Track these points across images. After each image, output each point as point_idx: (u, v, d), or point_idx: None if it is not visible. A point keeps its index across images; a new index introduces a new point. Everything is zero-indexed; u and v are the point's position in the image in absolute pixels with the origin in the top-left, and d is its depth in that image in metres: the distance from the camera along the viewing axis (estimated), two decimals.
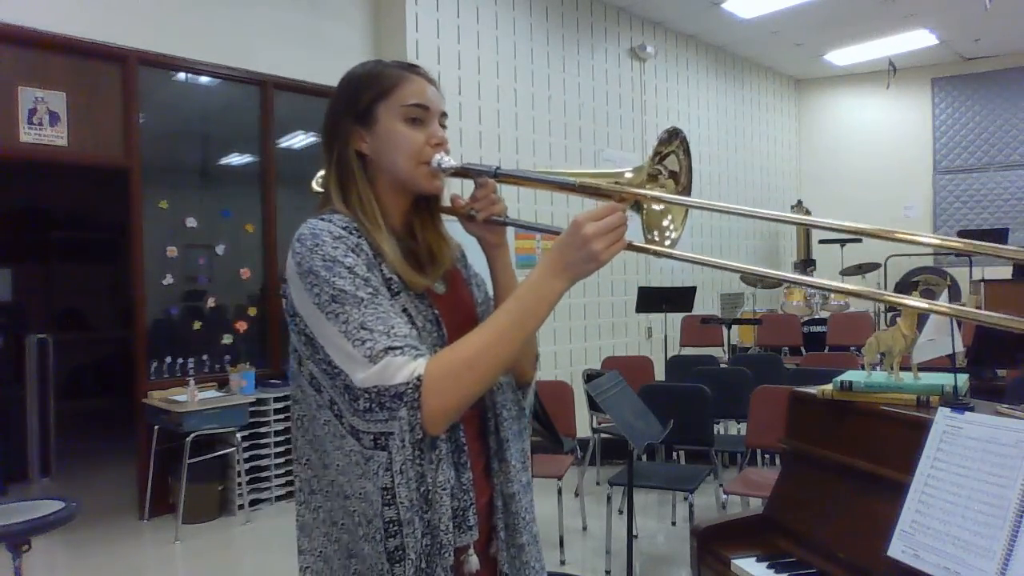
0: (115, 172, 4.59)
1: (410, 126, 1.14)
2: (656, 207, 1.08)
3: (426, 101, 1.15)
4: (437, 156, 1.15)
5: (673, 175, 1.09)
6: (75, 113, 4.32)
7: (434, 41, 5.60)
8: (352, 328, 1.01)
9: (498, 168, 1.17)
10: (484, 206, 1.20)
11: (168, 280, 4.72)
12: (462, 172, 1.18)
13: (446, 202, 1.25)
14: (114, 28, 4.41)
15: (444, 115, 1.19)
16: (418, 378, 0.98)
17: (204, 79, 4.96)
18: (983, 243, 0.91)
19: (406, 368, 0.98)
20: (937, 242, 0.95)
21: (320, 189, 1.25)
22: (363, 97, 1.15)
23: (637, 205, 1.06)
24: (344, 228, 1.09)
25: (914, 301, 1.01)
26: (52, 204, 7.95)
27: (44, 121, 4.20)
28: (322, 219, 1.10)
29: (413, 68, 1.18)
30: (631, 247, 1.04)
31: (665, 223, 1.09)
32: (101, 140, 4.45)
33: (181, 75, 4.85)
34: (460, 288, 1.26)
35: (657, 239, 1.08)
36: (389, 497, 1.01)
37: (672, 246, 1.09)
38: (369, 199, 1.14)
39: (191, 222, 4.83)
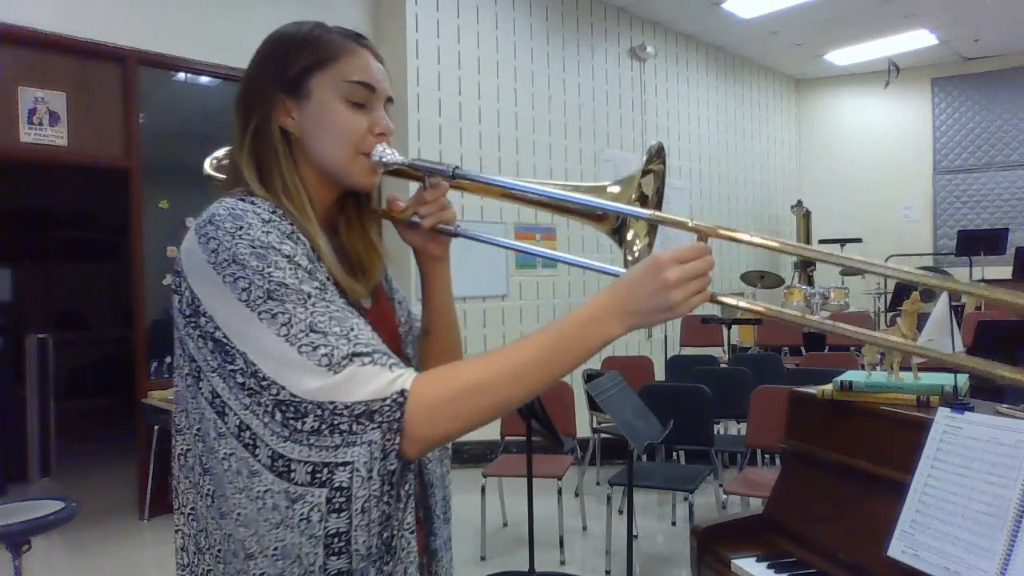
0: (115, 172, 4.59)
1: (351, 108, 0.95)
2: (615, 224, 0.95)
3: (372, 80, 0.96)
4: (380, 148, 0.96)
5: (642, 198, 0.95)
6: (75, 113, 4.31)
7: (434, 41, 5.60)
8: (298, 331, 0.80)
9: (457, 168, 0.98)
10: (433, 211, 1.01)
11: (168, 280, 4.71)
12: (408, 169, 1.00)
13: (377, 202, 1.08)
14: (114, 28, 4.41)
15: (390, 100, 1.00)
16: (401, 392, 0.79)
17: (204, 79, 4.96)
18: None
19: (378, 379, 0.79)
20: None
21: (216, 173, 1.03)
22: (295, 63, 0.95)
23: (618, 230, 0.94)
24: (273, 212, 0.90)
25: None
26: (52, 204, 7.95)
27: (44, 121, 4.20)
28: (241, 200, 0.90)
29: (359, 38, 0.99)
30: (713, 300, 0.85)
31: (630, 237, 0.95)
32: (101, 140, 4.45)
33: (181, 75, 4.85)
34: (383, 303, 1.08)
35: (628, 257, 0.96)
36: (340, 545, 0.79)
37: (639, 256, 0.96)
38: (296, 184, 0.95)
39: (191, 222, 4.81)
